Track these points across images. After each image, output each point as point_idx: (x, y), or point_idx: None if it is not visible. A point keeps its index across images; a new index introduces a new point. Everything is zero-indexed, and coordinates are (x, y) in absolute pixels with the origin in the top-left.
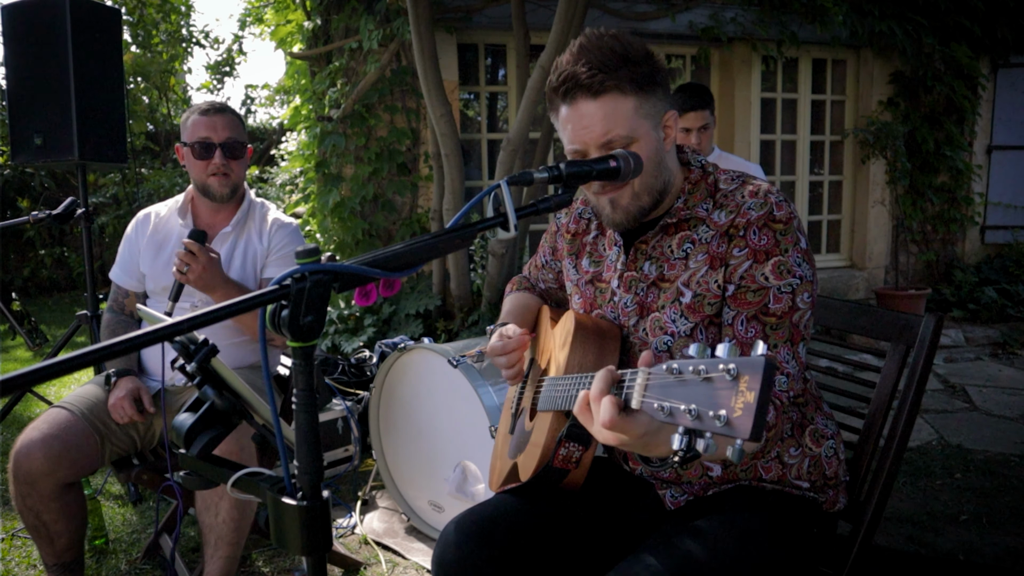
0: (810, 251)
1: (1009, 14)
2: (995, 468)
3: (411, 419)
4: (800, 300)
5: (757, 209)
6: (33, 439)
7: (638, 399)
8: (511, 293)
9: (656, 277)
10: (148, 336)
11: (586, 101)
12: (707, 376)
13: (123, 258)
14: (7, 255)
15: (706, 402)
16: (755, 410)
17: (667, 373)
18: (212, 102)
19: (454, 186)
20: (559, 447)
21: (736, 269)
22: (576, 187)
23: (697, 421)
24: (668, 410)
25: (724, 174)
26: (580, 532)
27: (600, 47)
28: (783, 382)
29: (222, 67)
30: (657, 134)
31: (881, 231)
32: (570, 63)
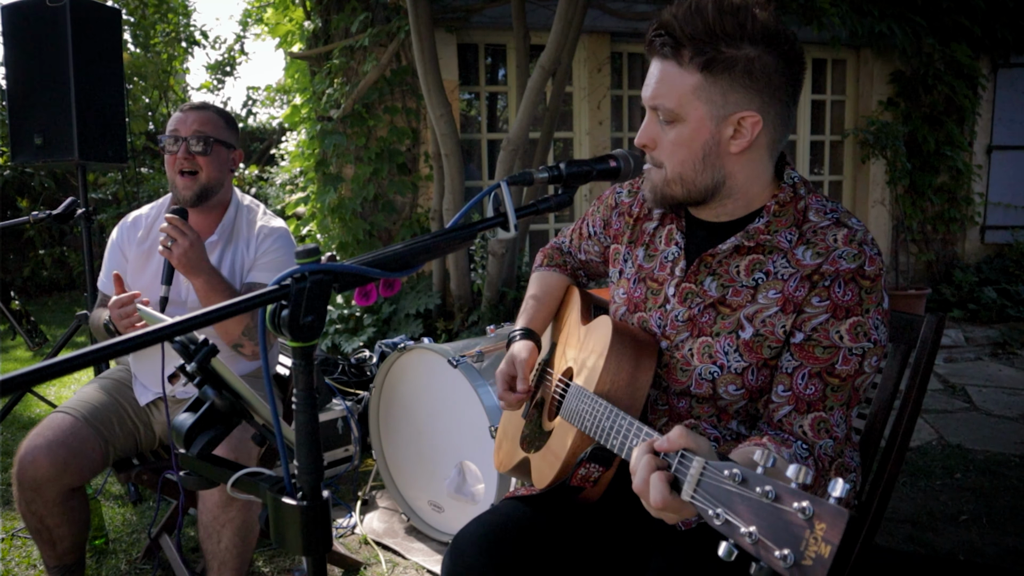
0: (889, 312)
1: (1009, 14)
2: (995, 468)
3: (411, 419)
4: (867, 364)
5: (849, 260)
6: (38, 445)
7: (689, 493)
8: (540, 269)
9: (717, 299)
10: (148, 336)
11: (657, 59)
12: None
13: (109, 268)
14: (7, 255)
15: (771, 533)
16: (828, 567)
17: (728, 478)
18: (194, 101)
19: (454, 186)
20: (579, 466)
21: (810, 319)
22: (576, 187)
23: (756, 547)
24: (723, 519)
25: (816, 201)
26: (590, 545)
27: (699, 11)
28: (829, 446)
29: (223, 67)
30: (715, 127)
31: (881, 231)
32: (663, 17)
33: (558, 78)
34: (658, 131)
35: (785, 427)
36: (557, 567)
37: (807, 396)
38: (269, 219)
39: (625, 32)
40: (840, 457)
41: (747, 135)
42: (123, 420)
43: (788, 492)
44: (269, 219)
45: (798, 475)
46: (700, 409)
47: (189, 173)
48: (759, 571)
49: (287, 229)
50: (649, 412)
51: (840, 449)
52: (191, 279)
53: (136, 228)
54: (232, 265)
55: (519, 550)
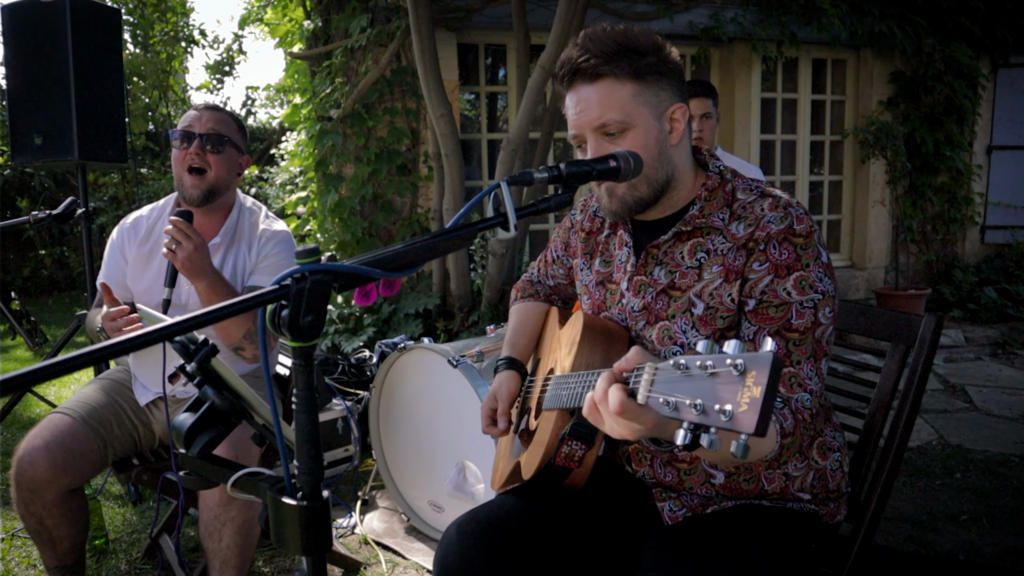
0: (831, 265)
1: (1009, 14)
2: (995, 468)
3: (411, 419)
4: (822, 315)
5: (777, 223)
6: (36, 446)
7: (644, 394)
8: (516, 303)
9: (667, 284)
10: (148, 336)
11: (584, 86)
12: (714, 371)
13: (109, 269)
14: (7, 255)
15: (712, 397)
16: (761, 404)
17: (674, 368)
18: (210, 102)
19: (454, 186)
20: (562, 445)
21: (756, 284)
22: (576, 187)
23: (702, 416)
24: (673, 405)
25: (742, 182)
26: (580, 536)
27: (602, 37)
28: (806, 399)
29: (222, 67)
30: (659, 124)
31: (881, 231)
32: (572, 51)
33: None
34: (607, 148)
35: None
36: (548, 559)
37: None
38: (271, 222)
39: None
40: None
41: (680, 125)
42: (122, 420)
43: (723, 358)
44: (271, 222)
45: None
46: None
47: (197, 171)
48: (711, 441)
49: (289, 232)
50: None
51: (818, 403)
52: (194, 282)
53: (136, 230)
54: (234, 268)
55: (510, 542)
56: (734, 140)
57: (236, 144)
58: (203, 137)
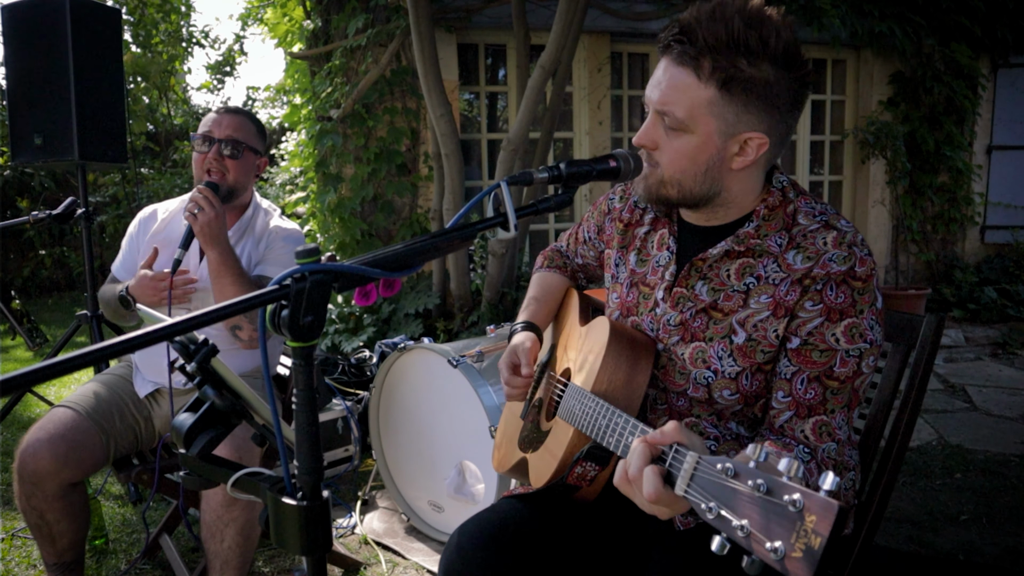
0: (883, 311)
1: (1009, 14)
2: (995, 468)
3: (411, 419)
4: (865, 365)
5: (839, 263)
6: (40, 439)
7: (682, 487)
8: (540, 270)
9: (709, 304)
10: (148, 336)
11: (670, 63)
12: (767, 496)
13: (125, 255)
14: (7, 255)
15: (761, 525)
16: (818, 559)
17: (720, 472)
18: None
19: (454, 186)
20: (575, 465)
21: (804, 324)
22: (576, 187)
23: (747, 540)
24: (716, 514)
25: (805, 204)
26: (587, 541)
27: (725, 20)
28: (832, 449)
29: (222, 67)
30: (723, 143)
31: (881, 231)
32: (683, 19)
33: (558, 78)
34: (661, 135)
35: (787, 432)
36: (554, 565)
37: (807, 400)
38: (283, 222)
39: (625, 32)
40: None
41: (752, 154)
42: (124, 415)
43: (779, 485)
44: (283, 222)
45: (790, 469)
46: (699, 409)
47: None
48: (751, 565)
49: (300, 232)
50: (648, 411)
51: (842, 451)
52: (207, 249)
53: (152, 220)
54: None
55: (516, 547)
56: None
57: (254, 148)
58: (221, 143)
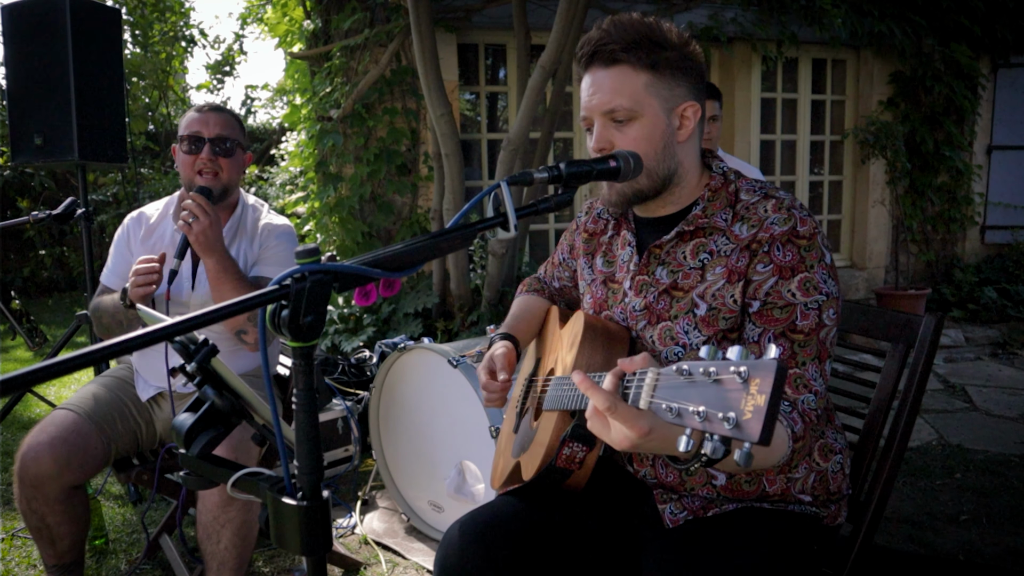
0: (834, 266)
1: (1009, 14)
2: (995, 468)
3: (411, 419)
4: (826, 316)
5: (780, 224)
6: (40, 442)
7: (646, 399)
8: (520, 295)
9: (669, 285)
10: (148, 336)
11: (600, 69)
12: (717, 378)
13: (114, 261)
14: (7, 255)
15: (715, 404)
16: (765, 412)
17: (677, 374)
18: (211, 102)
19: (454, 186)
20: (563, 447)
21: (761, 286)
22: (576, 187)
23: (705, 423)
24: (676, 411)
25: (745, 183)
26: (581, 537)
27: (626, 24)
28: (811, 400)
29: (222, 67)
30: (668, 119)
31: (881, 231)
32: (594, 33)
33: (558, 78)
34: (614, 133)
35: None
36: (549, 561)
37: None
38: (273, 217)
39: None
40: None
41: (691, 123)
42: (125, 417)
43: (727, 365)
44: (273, 217)
45: (740, 353)
46: None
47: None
48: (715, 448)
49: (291, 226)
50: None
51: (823, 404)
52: (205, 258)
53: (140, 224)
54: (239, 260)
55: (512, 542)
56: (734, 140)
57: (241, 144)
58: (212, 142)
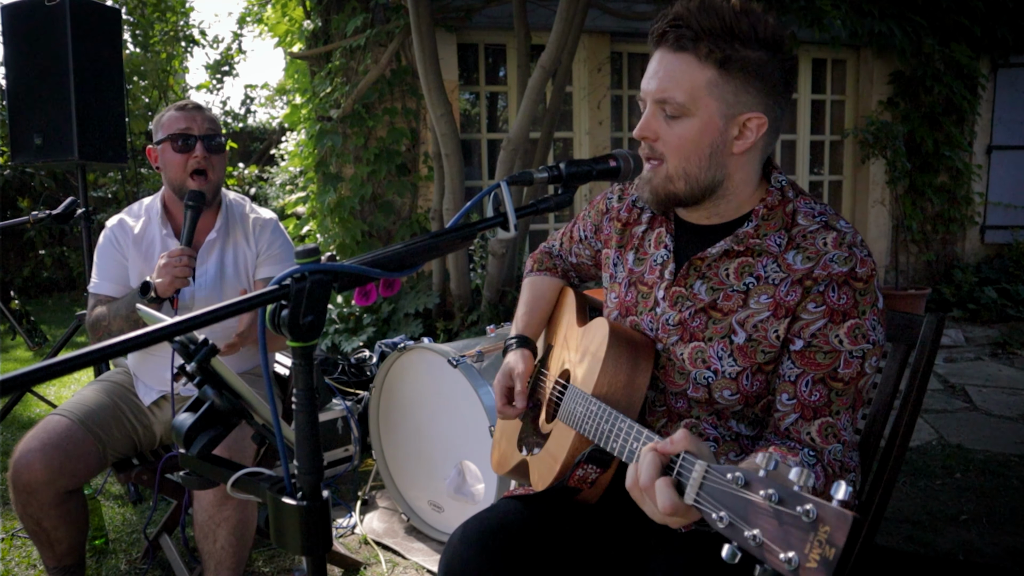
0: (884, 311)
1: (1009, 14)
2: (995, 468)
3: (411, 419)
4: (868, 366)
5: (840, 264)
6: (32, 448)
7: (692, 496)
8: (531, 274)
9: (708, 303)
10: (148, 336)
11: (666, 52)
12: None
13: (106, 269)
14: (7, 255)
15: (773, 535)
16: (833, 569)
17: (731, 482)
18: (189, 100)
19: (454, 186)
20: (577, 468)
21: (808, 326)
22: (576, 187)
23: (760, 550)
24: (727, 523)
25: (804, 204)
26: (588, 542)
27: (713, 8)
28: (838, 451)
29: (221, 66)
30: (724, 125)
31: (881, 231)
32: (675, 9)
33: (558, 78)
34: (661, 125)
35: (792, 435)
36: (554, 566)
37: (812, 403)
38: (258, 211)
39: (625, 32)
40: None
41: (751, 136)
42: (120, 422)
43: (791, 495)
44: (258, 211)
45: (800, 478)
46: (699, 409)
47: (201, 173)
48: (763, 573)
49: (276, 217)
50: (647, 413)
51: (846, 452)
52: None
53: (125, 232)
54: (235, 258)
55: (516, 547)
56: None
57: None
58: (204, 139)
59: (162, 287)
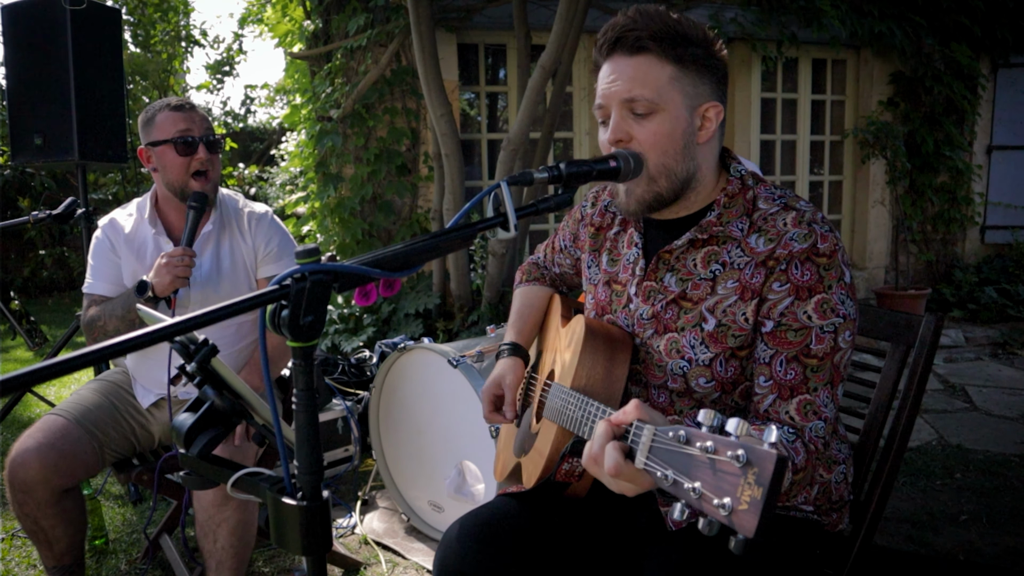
0: (853, 285)
1: (1009, 14)
2: (995, 468)
3: (411, 419)
4: (842, 339)
5: (800, 240)
6: (28, 447)
7: (642, 459)
8: (520, 285)
9: (678, 294)
10: (148, 336)
11: (623, 57)
12: (714, 456)
13: (100, 269)
14: (7, 255)
15: (711, 485)
16: (761, 508)
17: (673, 440)
18: (184, 100)
19: (454, 186)
20: (562, 461)
21: (775, 305)
22: (576, 187)
23: (699, 502)
24: (671, 480)
25: (764, 190)
26: (582, 538)
27: (653, 15)
28: (820, 427)
29: (222, 67)
30: (689, 117)
31: (881, 231)
32: (619, 19)
33: (558, 78)
34: (632, 125)
35: (772, 416)
36: (549, 562)
37: (788, 381)
38: (252, 206)
39: None
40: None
41: (712, 125)
42: (118, 422)
43: (725, 443)
44: (252, 206)
45: (737, 428)
46: (681, 403)
47: (202, 174)
48: (707, 526)
49: (271, 211)
50: None
51: (832, 429)
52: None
53: (117, 232)
54: (233, 253)
55: (511, 543)
56: (734, 140)
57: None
58: (206, 141)
59: (161, 287)
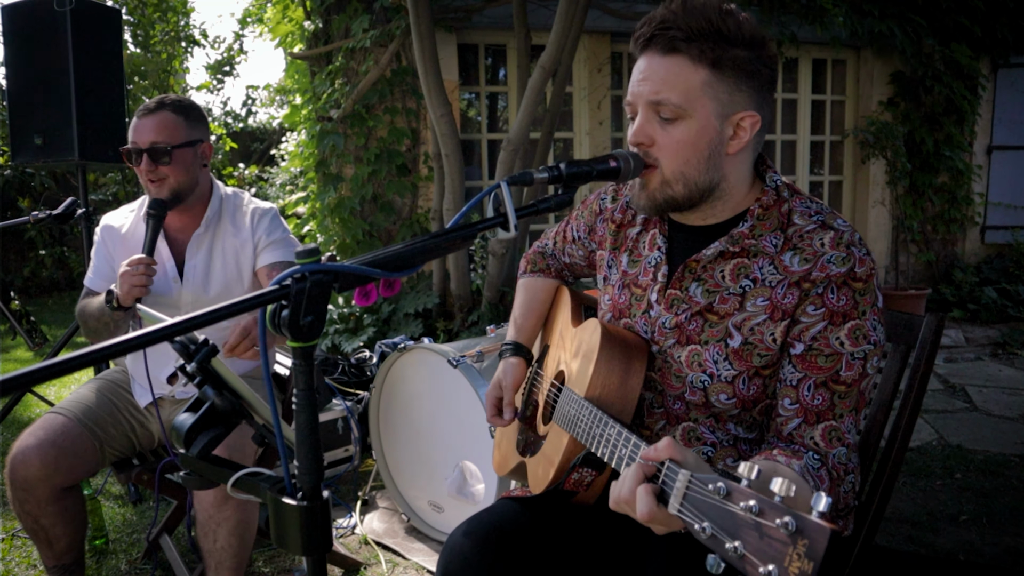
0: (883, 309)
1: (1009, 14)
2: (995, 468)
3: (411, 419)
4: (869, 366)
5: (839, 264)
6: (28, 445)
7: (676, 505)
8: (525, 276)
9: (704, 306)
10: (148, 336)
11: (655, 55)
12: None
13: (97, 266)
14: (7, 255)
15: (754, 548)
16: None
17: (713, 493)
18: (155, 100)
19: (454, 186)
20: (572, 471)
21: (807, 329)
22: (576, 187)
23: (741, 562)
24: (709, 533)
25: (800, 203)
26: (585, 543)
27: (697, 10)
28: (843, 454)
29: (222, 67)
30: (720, 125)
31: (881, 231)
32: (659, 12)
33: (558, 78)
34: (656, 129)
35: (796, 440)
36: (552, 566)
37: (815, 407)
38: (256, 202)
39: (625, 32)
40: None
41: (746, 135)
42: (118, 421)
43: (771, 507)
44: (256, 202)
45: (781, 488)
46: (697, 412)
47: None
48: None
49: (276, 207)
50: (645, 415)
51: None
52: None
53: (113, 232)
54: (224, 254)
55: (514, 548)
56: None
57: (185, 142)
58: (148, 152)
59: (122, 296)
